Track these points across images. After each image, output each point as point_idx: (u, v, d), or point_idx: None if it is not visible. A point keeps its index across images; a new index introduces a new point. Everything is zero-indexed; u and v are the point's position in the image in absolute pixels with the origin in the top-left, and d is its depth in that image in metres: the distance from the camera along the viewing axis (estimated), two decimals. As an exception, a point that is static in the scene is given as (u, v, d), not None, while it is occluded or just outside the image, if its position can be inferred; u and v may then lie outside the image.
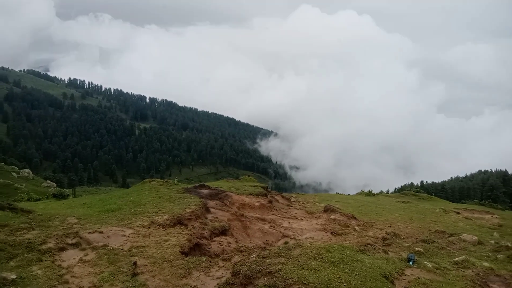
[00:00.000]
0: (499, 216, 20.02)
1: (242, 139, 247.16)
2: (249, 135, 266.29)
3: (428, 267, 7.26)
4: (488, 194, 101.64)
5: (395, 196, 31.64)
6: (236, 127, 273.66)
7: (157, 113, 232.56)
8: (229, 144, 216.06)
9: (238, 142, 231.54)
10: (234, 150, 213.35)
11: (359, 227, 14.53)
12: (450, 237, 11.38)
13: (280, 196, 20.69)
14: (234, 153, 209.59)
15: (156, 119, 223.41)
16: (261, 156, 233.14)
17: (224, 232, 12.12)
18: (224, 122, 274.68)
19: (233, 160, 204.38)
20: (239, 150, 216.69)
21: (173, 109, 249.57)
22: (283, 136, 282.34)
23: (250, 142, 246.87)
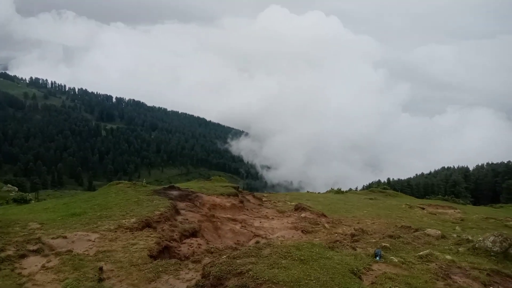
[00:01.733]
0: (461, 211, 20.95)
1: (213, 139, 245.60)
2: (220, 135, 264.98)
3: (394, 261, 7.47)
4: (451, 190, 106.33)
5: (363, 193, 32.49)
6: (207, 127, 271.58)
7: (125, 113, 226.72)
8: (200, 145, 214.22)
9: (209, 142, 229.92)
10: (205, 150, 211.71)
11: (328, 224, 14.77)
12: (415, 232, 11.77)
13: (251, 196, 20.71)
14: (205, 153, 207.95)
15: (123, 120, 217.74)
16: (232, 156, 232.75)
17: (194, 233, 11.96)
18: (194, 122, 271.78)
19: (204, 161, 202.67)
20: (210, 150, 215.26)
21: (141, 109, 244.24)
22: (254, 136, 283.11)
23: (221, 142, 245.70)
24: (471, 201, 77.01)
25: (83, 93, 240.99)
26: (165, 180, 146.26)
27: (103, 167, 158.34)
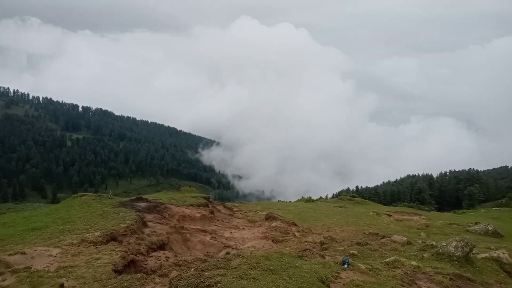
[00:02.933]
0: (426, 217, 21.64)
1: (184, 149, 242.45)
2: (191, 144, 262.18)
3: (362, 268, 7.58)
4: (416, 197, 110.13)
5: (333, 201, 32.97)
6: (177, 137, 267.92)
7: (91, 122, 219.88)
8: (170, 154, 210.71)
9: (179, 152, 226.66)
10: (176, 160, 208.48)
11: (299, 233, 14.84)
12: (382, 238, 12.02)
13: (222, 206, 20.52)
14: (175, 163, 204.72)
15: (90, 129, 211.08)
16: (203, 166, 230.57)
17: (162, 246, 11.66)
18: (164, 131, 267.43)
19: (174, 171, 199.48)
20: (181, 160, 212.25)
21: (109, 119, 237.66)
22: (225, 145, 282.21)
23: (192, 152, 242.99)
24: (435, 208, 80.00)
25: (48, 102, 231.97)
26: (133, 191, 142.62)
27: (68, 179, 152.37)
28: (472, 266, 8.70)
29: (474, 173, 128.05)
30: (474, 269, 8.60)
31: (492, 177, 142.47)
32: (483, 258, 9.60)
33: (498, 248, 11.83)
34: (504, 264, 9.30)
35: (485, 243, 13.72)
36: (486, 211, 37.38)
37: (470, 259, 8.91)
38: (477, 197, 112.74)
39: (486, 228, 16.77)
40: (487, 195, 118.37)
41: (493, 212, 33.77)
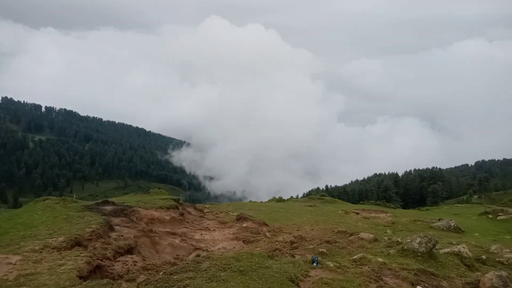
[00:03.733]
0: (391, 214, 22.31)
1: (153, 150, 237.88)
2: (161, 145, 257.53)
3: (330, 266, 7.70)
4: (383, 195, 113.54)
5: (303, 200, 33.41)
6: (146, 138, 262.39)
7: (55, 123, 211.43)
8: (139, 156, 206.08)
9: (149, 154, 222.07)
10: (145, 162, 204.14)
11: (269, 233, 14.89)
12: (350, 236, 12.28)
13: (192, 208, 20.26)
14: (144, 165, 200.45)
15: (53, 131, 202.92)
16: (174, 168, 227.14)
17: (130, 250, 11.35)
18: (133, 132, 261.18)
19: (143, 173, 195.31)
20: (150, 162, 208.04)
21: (74, 119, 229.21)
22: (196, 146, 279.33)
23: (161, 153, 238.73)
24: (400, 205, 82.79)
25: (8, 102, 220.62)
26: (100, 194, 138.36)
27: (30, 182, 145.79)
28: (435, 261, 9.04)
29: (437, 171, 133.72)
30: (437, 264, 8.94)
31: (454, 175, 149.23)
32: (445, 253, 10.01)
33: (459, 243, 12.39)
34: (464, 258, 9.74)
35: (447, 239, 14.32)
36: (448, 207, 39.07)
37: (433, 254, 9.26)
38: (440, 194, 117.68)
39: (448, 224, 17.52)
40: (450, 192, 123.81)
41: (455, 208, 35.36)
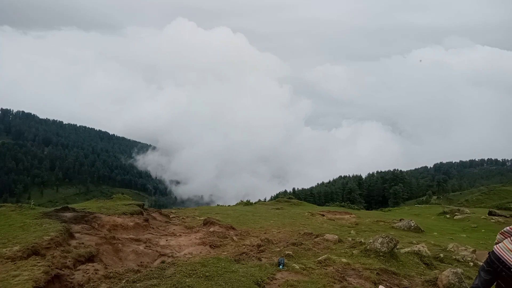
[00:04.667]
0: (355, 216, 22.88)
1: (117, 154, 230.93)
2: (125, 149, 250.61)
3: (296, 268, 7.77)
4: (348, 197, 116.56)
5: (271, 203, 33.59)
6: (109, 141, 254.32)
7: (12, 126, 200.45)
8: (101, 160, 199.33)
9: (112, 158, 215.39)
10: (108, 166, 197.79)
11: (237, 237, 14.82)
12: (316, 238, 12.46)
13: (157, 213, 19.80)
14: (107, 169, 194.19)
15: (10, 134, 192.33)
16: (139, 172, 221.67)
17: (91, 258, 10.90)
18: (95, 136, 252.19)
19: (107, 178, 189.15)
20: (114, 166, 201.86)
21: (32, 122, 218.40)
22: (162, 150, 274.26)
23: (125, 157, 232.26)
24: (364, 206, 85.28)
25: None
26: (60, 200, 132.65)
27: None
28: (397, 261, 9.35)
29: (398, 173, 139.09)
30: (398, 263, 9.24)
31: (414, 176, 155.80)
32: (406, 252, 10.38)
33: (419, 242, 12.91)
34: (423, 257, 10.14)
35: (408, 238, 14.88)
36: (409, 208, 40.66)
37: (395, 254, 9.57)
38: (401, 195, 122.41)
39: (409, 224, 18.21)
40: (410, 193, 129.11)
41: (415, 209, 36.83)
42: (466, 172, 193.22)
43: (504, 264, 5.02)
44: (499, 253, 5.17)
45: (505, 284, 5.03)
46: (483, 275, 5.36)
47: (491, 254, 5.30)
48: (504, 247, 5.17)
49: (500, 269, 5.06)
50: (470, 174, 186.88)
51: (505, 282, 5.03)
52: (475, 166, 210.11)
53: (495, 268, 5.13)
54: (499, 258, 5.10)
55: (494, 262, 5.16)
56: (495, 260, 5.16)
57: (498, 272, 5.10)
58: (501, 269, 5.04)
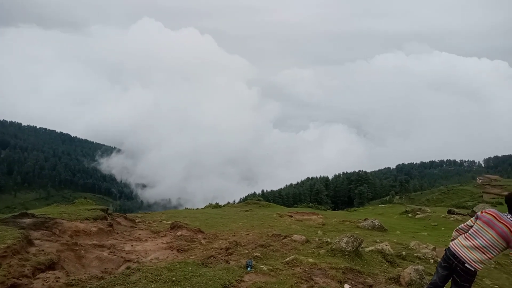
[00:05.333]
0: (322, 216, 23.28)
1: (80, 157, 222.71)
2: (88, 152, 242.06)
3: (264, 270, 7.80)
4: (315, 198, 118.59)
5: (240, 205, 33.52)
6: (71, 144, 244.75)
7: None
8: (63, 164, 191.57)
9: (74, 161, 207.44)
10: (70, 170, 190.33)
11: (205, 240, 14.67)
12: (284, 239, 12.57)
13: (122, 218, 19.24)
14: (69, 173, 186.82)
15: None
16: (103, 176, 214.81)
17: (52, 266, 10.43)
18: (56, 138, 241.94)
19: (69, 182, 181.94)
20: (76, 170, 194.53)
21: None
22: (127, 152, 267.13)
23: (88, 160, 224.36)
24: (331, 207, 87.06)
25: None
26: (19, 206, 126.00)
27: None
28: (361, 259, 9.60)
29: (363, 174, 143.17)
30: (362, 262, 9.50)
31: (377, 177, 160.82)
32: (370, 251, 10.68)
33: (383, 241, 13.33)
34: (387, 255, 10.48)
35: (372, 237, 15.32)
36: (373, 208, 41.92)
37: (359, 253, 9.83)
38: (366, 195, 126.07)
39: (373, 223, 18.76)
40: (374, 194, 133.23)
41: (379, 208, 38.02)
42: (426, 173, 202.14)
43: (459, 259, 5.30)
44: (454, 249, 5.45)
45: (460, 279, 5.31)
46: (440, 271, 5.63)
47: (447, 250, 5.58)
48: (459, 243, 5.46)
49: (455, 265, 5.33)
50: (430, 175, 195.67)
51: (461, 277, 5.31)
52: (435, 167, 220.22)
53: (451, 264, 5.40)
54: (454, 254, 5.38)
55: (450, 258, 5.43)
56: (450, 256, 5.43)
57: (454, 268, 5.38)
58: (456, 265, 5.32)
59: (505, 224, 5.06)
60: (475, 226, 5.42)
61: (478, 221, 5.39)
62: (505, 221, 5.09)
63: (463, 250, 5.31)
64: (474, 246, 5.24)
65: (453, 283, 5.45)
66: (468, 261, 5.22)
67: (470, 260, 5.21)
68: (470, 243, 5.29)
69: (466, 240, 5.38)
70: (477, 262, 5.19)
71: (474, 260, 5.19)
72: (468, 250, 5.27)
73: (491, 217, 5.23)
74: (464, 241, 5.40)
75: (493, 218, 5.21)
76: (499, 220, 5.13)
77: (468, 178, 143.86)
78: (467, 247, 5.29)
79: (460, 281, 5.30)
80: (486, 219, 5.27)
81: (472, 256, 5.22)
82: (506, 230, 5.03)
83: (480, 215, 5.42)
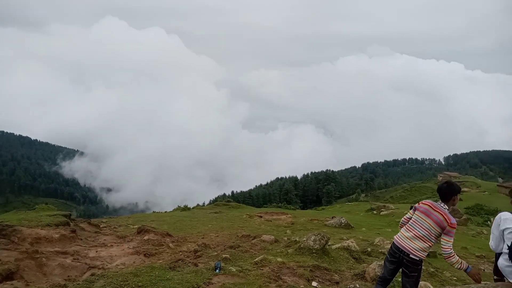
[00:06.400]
0: (291, 215, 23.57)
1: (40, 161, 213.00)
2: (49, 156, 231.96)
3: (233, 271, 7.81)
4: (284, 197, 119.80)
5: (209, 207, 33.30)
6: (31, 147, 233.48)
7: None
8: (22, 168, 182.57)
9: (34, 165, 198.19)
10: (30, 174, 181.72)
11: (173, 243, 14.46)
12: (253, 239, 12.63)
13: (86, 223, 18.61)
14: (30, 178, 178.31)
15: None
16: (65, 180, 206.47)
17: (10, 276, 9.93)
18: (15, 141, 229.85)
19: (29, 187, 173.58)
20: (37, 174, 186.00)
21: None
22: (91, 155, 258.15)
23: (50, 164, 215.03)
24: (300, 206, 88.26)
25: None
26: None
27: None
28: (328, 257, 9.81)
29: (330, 173, 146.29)
30: (329, 259, 9.71)
31: (344, 176, 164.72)
32: (336, 248, 10.93)
33: (349, 238, 13.68)
34: (353, 252, 10.77)
35: (339, 235, 15.69)
36: (340, 206, 42.96)
37: (326, 250, 10.04)
38: (333, 194, 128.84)
39: (340, 221, 19.21)
40: (341, 192, 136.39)
41: (345, 206, 39.00)
42: (390, 171, 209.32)
43: (403, 252, 5.55)
44: (398, 242, 5.73)
45: (409, 269, 5.57)
46: (388, 265, 5.88)
47: (392, 244, 5.83)
48: (402, 235, 5.75)
49: (401, 257, 5.59)
50: (394, 173, 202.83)
51: (408, 268, 5.57)
52: (398, 165, 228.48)
53: (397, 257, 5.66)
54: (399, 247, 5.63)
55: (396, 252, 5.68)
56: (396, 250, 5.69)
57: (400, 260, 5.63)
58: (402, 257, 5.58)
59: (439, 212, 5.45)
60: (414, 216, 5.76)
61: (417, 212, 5.75)
62: (439, 209, 5.48)
63: (406, 242, 5.61)
64: (415, 236, 5.54)
65: (403, 274, 5.70)
66: (412, 251, 5.50)
67: (414, 249, 5.50)
68: (411, 233, 5.59)
69: (407, 232, 5.68)
70: (420, 250, 5.49)
71: (417, 249, 5.49)
72: (411, 240, 5.56)
73: (428, 207, 5.60)
74: (406, 232, 5.70)
75: (429, 207, 5.58)
76: (434, 209, 5.52)
77: (429, 176, 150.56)
78: (409, 238, 5.58)
79: (409, 272, 5.57)
80: (423, 209, 5.63)
81: (414, 246, 5.50)
82: (441, 217, 5.40)
83: (417, 206, 5.79)
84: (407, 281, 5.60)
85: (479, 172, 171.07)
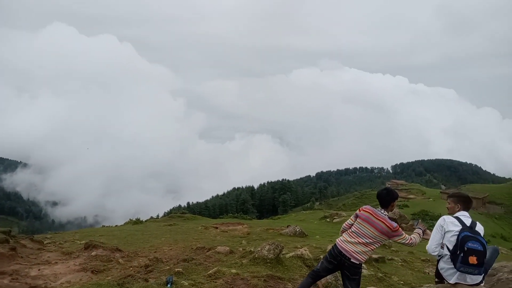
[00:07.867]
0: (248, 225, 23.51)
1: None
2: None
3: (185, 285, 7.62)
4: (241, 207, 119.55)
5: (163, 220, 32.33)
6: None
7: None
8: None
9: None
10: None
11: (123, 259, 13.85)
12: (208, 251, 12.42)
13: (28, 240, 17.30)
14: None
15: None
16: (6, 194, 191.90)
17: None
18: None
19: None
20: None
21: None
22: (35, 167, 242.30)
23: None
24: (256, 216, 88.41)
25: None
26: None
27: None
28: (282, 266, 9.87)
29: (286, 182, 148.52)
30: (283, 268, 9.77)
31: (299, 185, 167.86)
32: (290, 256, 11.03)
33: (303, 246, 13.88)
34: (306, 260, 10.92)
35: (294, 243, 15.87)
36: (296, 214, 43.53)
37: (280, 259, 10.10)
38: (289, 203, 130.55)
39: (294, 229, 19.45)
40: (297, 201, 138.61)
41: (301, 215, 39.57)
42: (342, 179, 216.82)
43: (345, 255, 5.75)
44: (340, 246, 5.91)
45: (350, 272, 5.76)
46: (325, 263, 6.06)
47: (334, 247, 6.01)
48: (344, 239, 5.97)
49: (342, 261, 5.78)
50: (346, 181, 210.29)
51: (350, 271, 5.76)
52: (350, 174, 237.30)
53: (338, 260, 5.83)
54: (341, 251, 5.82)
55: (337, 255, 5.86)
56: (338, 253, 5.87)
57: (342, 264, 5.81)
58: (344, 261, 5.76)
59: (381, 220, 5.67)
60: (356, 224, 5.97)
61: (358, 219, 5.96)
62: (380, 217, 5.70)
63: (349, 246, 5.82)
64: (358, 242, 5.75)
65: (344, 277, 5.86)
66: (354, 255, 5.70)
67: (356, 253, 5.70)
68: (355, 240, 5.79)
69: (351, 238, 5.88)
70: (361, 254, 5.71)
71: (359, 252, 5.70)
72: (353, 245, 5.76)
73: (369, 214, 5.82)
74: (349, 238, 5.92)
75: (370, 215, 5.79)
76: (376, 217, 5.73)
77: (379, 184, 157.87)
78: (352, 243, 5.79)
79: (351, 275, 5.76)
80: (364, 217, 5.84)
81: (356, 249, 5.71)
82: (384, 226, 5.63)
83: (359, 213, 6.00)
84: (349, 283, 5.76)
85: (423, 179, 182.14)
